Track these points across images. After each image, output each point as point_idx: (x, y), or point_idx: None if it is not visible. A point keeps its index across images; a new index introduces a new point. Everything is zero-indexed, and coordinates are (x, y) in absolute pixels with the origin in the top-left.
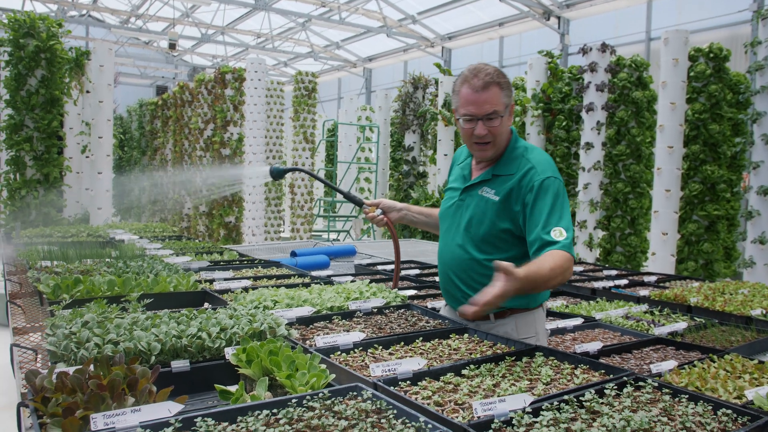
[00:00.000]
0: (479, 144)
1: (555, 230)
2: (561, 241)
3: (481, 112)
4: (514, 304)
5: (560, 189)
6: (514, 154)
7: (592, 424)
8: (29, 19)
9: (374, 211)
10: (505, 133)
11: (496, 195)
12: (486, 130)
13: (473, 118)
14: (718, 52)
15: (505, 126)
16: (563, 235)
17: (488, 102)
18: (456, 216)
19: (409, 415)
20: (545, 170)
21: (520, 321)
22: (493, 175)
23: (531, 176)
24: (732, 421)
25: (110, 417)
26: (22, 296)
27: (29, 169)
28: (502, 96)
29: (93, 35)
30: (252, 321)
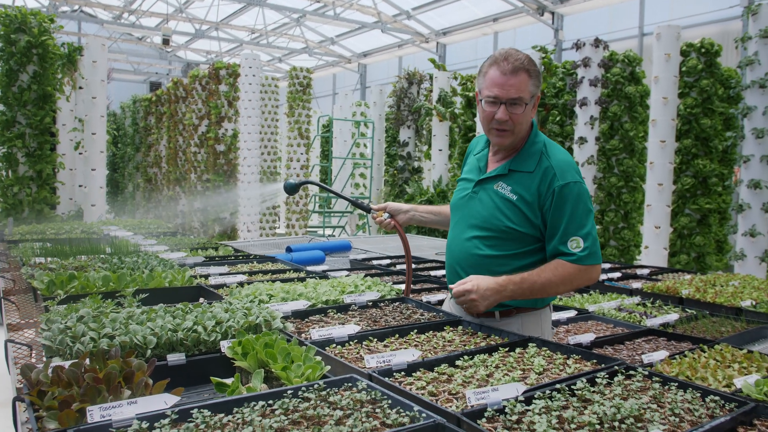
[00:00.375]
0: (498, 130)
1: (572, 241)
2: (576, 253)
3: (506, 95)
4: (520, 303)
5: (581, 194)
6: (534, 149)
7: (583, 411)
8: (20, 14)
9: (382, 215)
10: (526, 124)
11: (513, 194)
12: (507, 116)
13: (496, 101)
14: (710, 47)
15: (527, 116)
16: (580, 246)
17: (515, 87)
18: (467, 209)
19: (404, 404)
20: (565, 174)
21: (527, 320)
22: (509, 170)
23: (551, 181)
24: (720, 408)
25: (106, 409)
26: (16, 293)
27: (22, 165)
28: (530, 84)
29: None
30: (247, 314)
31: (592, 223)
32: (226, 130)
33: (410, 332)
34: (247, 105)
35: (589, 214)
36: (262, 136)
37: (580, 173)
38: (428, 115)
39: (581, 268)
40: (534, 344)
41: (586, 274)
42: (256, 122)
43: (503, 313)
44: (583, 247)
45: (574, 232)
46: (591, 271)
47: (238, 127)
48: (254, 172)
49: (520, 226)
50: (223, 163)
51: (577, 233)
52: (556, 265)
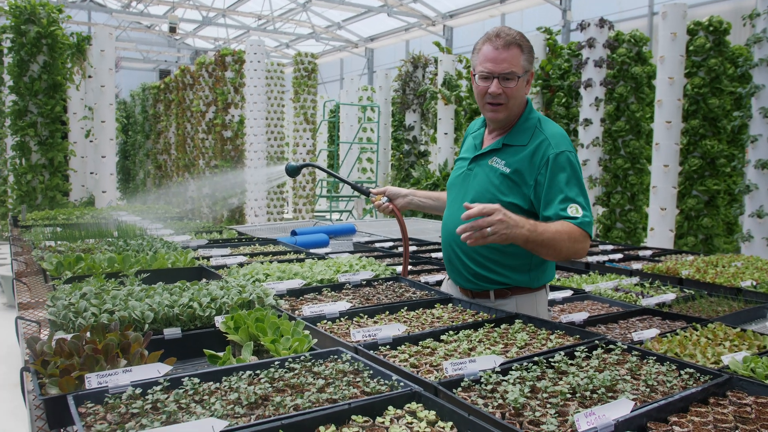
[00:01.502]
0: (492, 105)
1: (571, 207)
2: (579, 218)
3: (499, 69)
4: (515, 282)
5: (575, 164)
6: (527, 124)
7: (557, 382)
8: (30, 5)
9: (380, 199)
10: (520, 98)
11: (507, 167)
12: (501, 90)
13: (490, 76)
14: (718, 25)
15: (520, 90)
16: (579, 213)
17: (507, 61)
18: (463, 186)
19: (384, 374)
20: (559, 144)
21: (521, 301)
22: (503, 144)
23: (545, 150)
24: (695, 380)
25: (103, 377)
26: (28, 275)
27: (34, 154)
28: (521, 59)
29: (95, 20)
30: (242, 292)
31: (585, 194)
32: (233, 116)
33: (400, 309)
34: (253, 91)
35: (582, 184)
36: (269, 122)
37: (573, 146)
38: (433, 99)
39: (582, 232)
40: (520, 320)
41: (585, 241)
42: (262, 108)
43: (498, 294)
44: (582, 214)
45: (573, 199)
46: (587, 241)
47: (244, 113)
48: (261, 157)
49: (515, 199)
50: (230, 149)
51: (576, 200)
52: (562, 223)
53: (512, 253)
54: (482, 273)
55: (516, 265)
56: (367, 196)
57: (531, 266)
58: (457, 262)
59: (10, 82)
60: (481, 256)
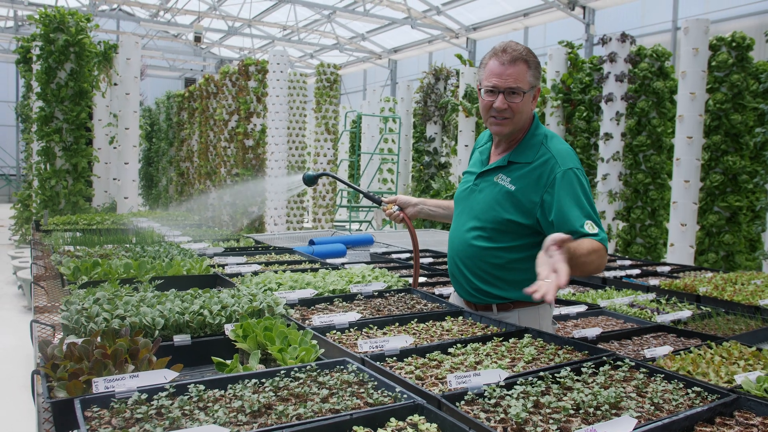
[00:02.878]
0: (496, 119)
1: (587, 223)
2: (598, 233)
3: (504, 84)
4: (518, 297)
5: (583, 180)
6: (534, 140)
7: (562, 398)
8: (59, 14)
9: (391, 207)
10: (525, 114)
11: (512, 184)
12: (506, 105)
13: (495, 90)
14: (741, 41)
15: (526, 105)
16: (595, 229)
17: (512, 76)
18: (468, 201)
19: (388, 386)
20: (565, 161)
21: (524, 315)
22: (509, 161)
23: (551, 167)
24: (702, 399)
25: (110, 381)
26: (46, 278)
27: (59, 159)
28: (528, 74)
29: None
30: (252, 300)
31: (595, 211)
32: (255, 126)
33: (410, 321)
34: (275, 101)
35: (592, 200)
36: (290, 132)
37: (580, 163)
38: (454, 111)
39: (603, 247)
40: (529, 335)
41: (605, 257)
42: (283, 117)
43: (500, 307)
44: (598, 230)
45: (584, 217)
46: (606, 257)
47: (266, 123)
48: (281, 166)
49: (518, 217)
50: (251, 157)
51: (590, 216)
52: (588, 241)
53: (514, 268)
54: (484, 288)
55: (518, 280)
56: (378, 204)
57: (533, 282)
58: (460, 277)
59: (38, 89)
60: (483, 272)
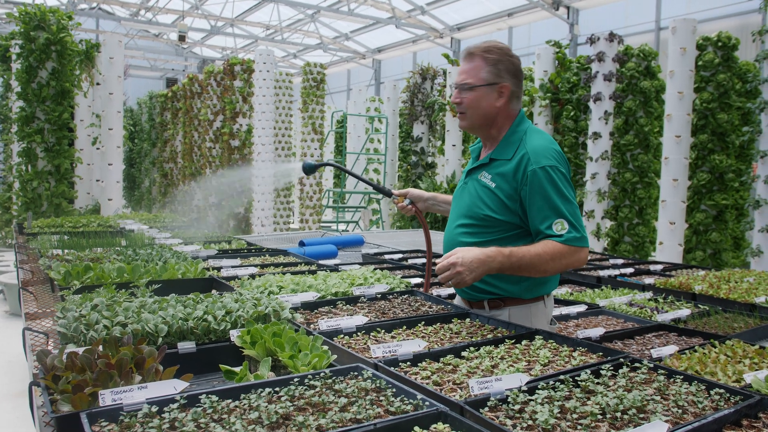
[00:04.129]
0: (458, 113)
1: (556, 223)
2: (563, 235)
3: (458, 80)
4: (507, 293)
5: (556, 177)
6: (513, 137)
7: (586, 402)
8: (39, 12)
9: (403, 201)
10: (483, 109)
11: (492, 181)
12: (459, 99)
13: (454, 86)
14: (727, 40)
15: (482, 101)
16: (565, 228)
17: (465, 71)
18: (459, 199)
19: (408, 393)
20: (539, 158)
21: (514, 313)
22: (491, 159)
23: (525, 165)
24: (725, 401)
25: (118, 393)
26: (34, 284)
27: (41, 160)
28: (483, 70)
29: (103, 28)
30: (257, 305)
31: (573, 206)
32: (241, 126)
33: (418, 324)
34: (262, 101)
35: (567, 196)
36: (276, 132)
37: (558, 157)
38: (442, 111)
39: (570, 248)
40: (541, 337)
41: (576, 255)
42: (270, 118)
43: (491, 304)
44: (568, 229)
45: (557, 214)
46: (580, 253)
47: (252, 123)
48: (268, 167)
49: (498, 213)
50: (237, 158)
51: (558, 216)
52: (545, 243)
53: None
54: (475, 283)
55: (506, 275)
56: (389, 197)
57: (521, 277)
58: None
59: (18, 89)
60: None
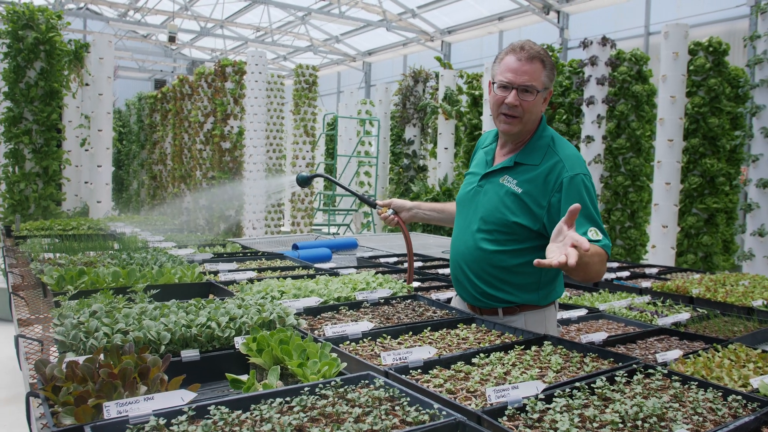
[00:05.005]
0: (507, 116)
1: (591, 230)
2: (601, 240)
3: (519, 81)
4: (524, 300)
5: (590, 187)
6: (540, 142)
7: (604, 410)
8: (28, 10)
9: (386, 211)
10: (535, 114)
11: (518, 186)
12: (518, 101)
13: (509, 86)
14: (718, 46)
15: (537, 106)
16: (600, 236)
17: (528, 73)
18: (473, 203)
19: (423, 402)
20: (574, 166)
21: (530, 319)
22: (515, 162)
23: (559, 172)
24: (742, 408)
25: (123, 405)
26: (25, 288)
27: (28, 162)
28: (543, 74)
29: (91, 28)
30: (261, 311)
31: (600, 217)
32: (232, 128)
33: (424, 330)
34: (253, 102)
35: (597, 207)
36: (268, 134)
37: (587, 169)
38: (434, 114)
39: (605, 254)
40: (549, 342)
41: (605, 264)
42: (261, 120)
43: (506, 311)
44: (602, 237)
45: (589, 223)
46: (606, 263)
47: (243, 125)
48: (260, 169)
49: (524, 220)
50: (228, 160)
51: (593, 224)
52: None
53: (521, 272)
54: (490, 292)
55: (525, 284)
56: (374, 207)
57: (540, 285)
58: (464, 280)
59: (5, 88)
60: (488, 275)
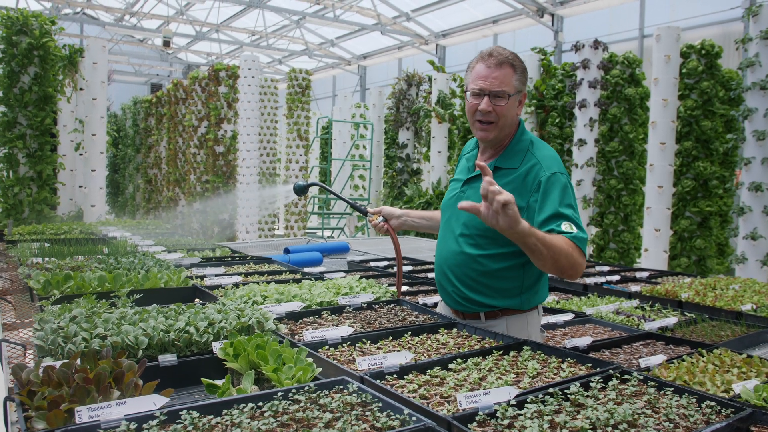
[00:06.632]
0: (482, 122)
1: (565, 224)
2: (573, 233)
3: (490, 87)
4: (506, 305)
5: (568, 185)
6: (519, 146)
7: (576, 416)
8: (22, 16)
9: (377, 218)
10: (510, 118)
11: None
12: (491, 107)
13: (481, 93)
14: (710, 48)
15: (511, 110)
16: (573, 230)
17: (498, 79)
18: (455, 208)
19: (394, 407)
20: (551, 166)
21: (512, 323)
22: (495, 167)
23: (537, 173)
24: (716, 414)
25: (95, 410)
26: (13, 293)
27: (22, 166)
28: (514, 78)
29: (87, 33)
30: (240, 316)
31: (577, 214)
32: (226, 132)
33: (404, 334)
34: (246, 107)
35: (573, 205)
36: (261, 138)
37: (564, 168)
38: (427, 117)
39: (577, 248)
40: (529, 348)
41: (579, 258)
42: (255, 124)
43: (488, 315)
44: (576, 231)
45: (566, 216)
46: (582, 258)
47: (237, 129)
48: (253, 173)
49: None
50: (222, 164)
51: (569, 219)
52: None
53: (503, 276)
54: (472, 296)
55: (507, 289)
56: (364, 215)
57: (522, 290)
58: (447, 285)
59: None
60: (471, 280)
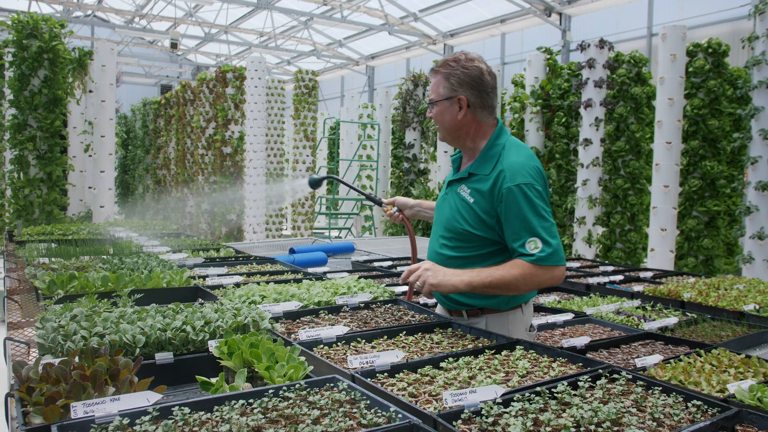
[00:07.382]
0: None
1: (530, 242)
2: (535, 254)
3: (429, 96)
4: (483, 304)
5: (530, 194)
6: (492, 151)
7: (561, 414)
8: (32, 20)
9: (391, 209)
10: (449, 123)
11: (471, 196)
12: (430, 114)
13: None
14: (717, 47)
15: (444, 115)
16: (539, 247)
17: (432, 88)
18: (440, 210)
19: (382, 405)
20: (514, 176)
21: (492, 322)
22: (469, 173)
23: (501, 183)
24: (702, 413)
25: (90, 405)
26: (20, 292)
27: (33, 168)
28: (440, 86)
29: (98, 35)
30: (236, 315)
31: (548, 222)
32: (233, 133)
33: (399, 334)
34: (253, 107)
35: (542, 214)
36: (268, 138)
37: (535, 174)
38: None
39: (541, 267)
40: (521, 347)
41: (548, 273)
42: (262, 124)
43: (470, 313)
44: (541, 248)
45: (528, 234)
46: (553, 271)
47: (244, 130)
48: (260, 173)
49: (476, 229)
50: (229, 165)
51: (532, 235)
52: (514, 263)
53: None
54: (452, 296)
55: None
56: (379, 205)
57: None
58: None
59: (10, 96)
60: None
